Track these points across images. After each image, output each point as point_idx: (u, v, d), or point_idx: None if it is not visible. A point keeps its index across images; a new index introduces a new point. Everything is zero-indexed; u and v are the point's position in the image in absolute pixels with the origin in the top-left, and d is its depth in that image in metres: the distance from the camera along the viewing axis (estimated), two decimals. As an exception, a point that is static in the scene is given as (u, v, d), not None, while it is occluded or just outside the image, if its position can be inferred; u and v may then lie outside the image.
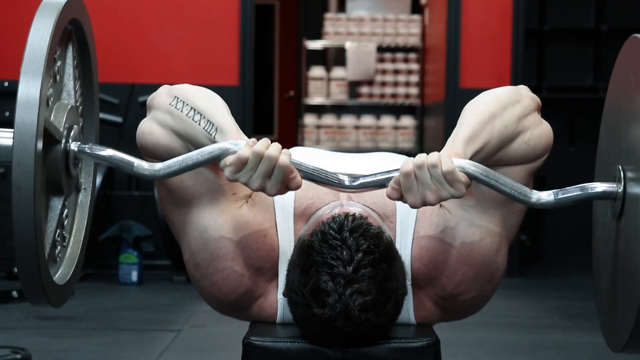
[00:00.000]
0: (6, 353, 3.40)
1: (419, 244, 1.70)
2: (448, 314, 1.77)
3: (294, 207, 1.73)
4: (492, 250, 1.69)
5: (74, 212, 1.75)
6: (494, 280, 1.72)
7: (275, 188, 1.55)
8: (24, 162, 1.44)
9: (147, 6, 5.66)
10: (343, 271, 1.54)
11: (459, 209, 1.69)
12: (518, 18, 5.73)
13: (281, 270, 1.71)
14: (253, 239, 1.70)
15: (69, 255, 1.72)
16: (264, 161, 1.53)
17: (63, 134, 1.59)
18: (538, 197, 1.58)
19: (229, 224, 1.69)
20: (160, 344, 3.83)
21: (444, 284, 1.71)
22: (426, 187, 1.53)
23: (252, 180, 1.54)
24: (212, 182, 1.69)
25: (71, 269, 1.69)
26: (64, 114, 1.60)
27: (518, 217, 1.73)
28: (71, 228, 1.74)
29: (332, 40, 7.61)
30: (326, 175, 1.60)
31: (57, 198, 1.63)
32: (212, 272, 1.71)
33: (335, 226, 1.58)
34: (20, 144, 1.44)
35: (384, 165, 1.83)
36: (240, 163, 1.53)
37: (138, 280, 5.25)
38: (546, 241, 6.86)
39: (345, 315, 1.53)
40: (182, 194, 1.70)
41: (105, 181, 5.29)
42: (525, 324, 4.44)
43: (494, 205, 1.69)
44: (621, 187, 1.56)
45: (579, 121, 6.89)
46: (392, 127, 7.52)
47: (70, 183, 1.65)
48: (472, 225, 1.68)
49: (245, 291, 1.72)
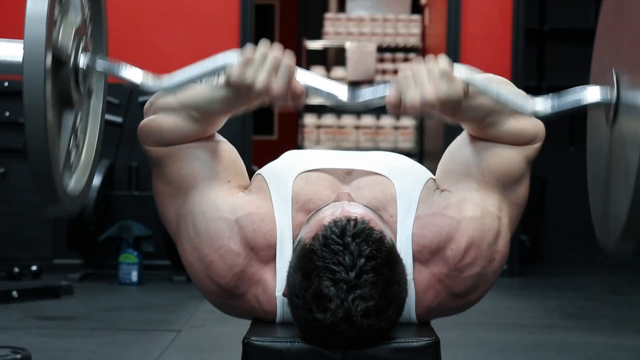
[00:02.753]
0: (6, 353, 3.40)
1: (421, 223, 1.72)
2: (450, 297, 1.76)
3: (291, 196, 1.75)
4: (493, 230, 1.73)
5: (86, 118, 1.80)
6: (494, 263, 1.74)
7: (282, 85, 1.60)
8: (34, 76, 1.47)
9: (147, 6, 5.66)
10: (345, 277, 1.54)
11: (461, 190, 1.73)
12: (518, 18, 5.73)
13: (279, 257, 1.72)
14: (250, 220, 1.72)
15: (84, 161, 1.78)
16: (269, 58, 1.60)
17: (72, 50, 1.63)
18: (533, 103, 1.62)
19: (226, 205, 1.72)
20: (160, 344, 3.83)
21: (449, 258, 1.72)
22: (424, 84, 1.58)
23: (258, 77, 1.60)
24: (208, 168, 1.73)
25: (86, 174, 1.76)
26: (72, 29, 1.64)
27: (517, 210, 1.78)
28: (84, 133, 1.79)
29: (332, 40, 7.61)
30: (327, 85, 1.64)
31: (69, 111, 1.67)
32: (208, 252, 1.72)
33: (337, 231, 1.58)
34: (30, 58, 1.47)
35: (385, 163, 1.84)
36: (247, 62, 1.59)
37: (138, 280, 5.25)
38: (546, 241, 6.87)
39: (347, 320, 1.53)
40: (179, 182, 1.74)
41: (105, 181, 5.29)
42: (525, 324, 4.44)
43: (494, 192, 1.74)
44: (615, 92, 1.57)
45: (579, 121, 6.87)
46: (392, 127, 7.52)
47: (81, 96, 1.70)
48: (474, 204, 1.72)
49: (240, 271, 1.72)
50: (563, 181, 6.71)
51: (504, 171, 1.75)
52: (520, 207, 1.78)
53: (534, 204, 6.49)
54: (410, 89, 1.58)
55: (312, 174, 1.79)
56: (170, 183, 1.74)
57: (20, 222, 5.60)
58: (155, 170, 1.79)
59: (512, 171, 1.76)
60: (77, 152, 1.75)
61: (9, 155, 5.55)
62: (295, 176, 1.78)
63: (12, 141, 5.56)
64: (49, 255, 5.63)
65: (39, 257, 5.58)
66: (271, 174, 1.80)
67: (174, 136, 1.73)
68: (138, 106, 5.49)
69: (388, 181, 1.77)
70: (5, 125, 5.54)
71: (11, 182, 5.50)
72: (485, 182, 1.73)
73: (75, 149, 1.74)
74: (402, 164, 1.86)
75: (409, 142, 7.49)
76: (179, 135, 1.73)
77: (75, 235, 5.23)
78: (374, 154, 1.93)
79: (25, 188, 5.58)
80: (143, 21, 5.65)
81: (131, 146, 5.50)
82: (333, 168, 1.80)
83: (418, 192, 1.75)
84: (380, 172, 1.79)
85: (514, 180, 1.77)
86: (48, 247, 5.63)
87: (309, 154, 1.93)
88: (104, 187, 5.30)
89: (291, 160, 1.87)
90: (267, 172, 1.81)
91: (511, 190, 1.77)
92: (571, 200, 6.57)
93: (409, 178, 1.79)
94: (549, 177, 6.66)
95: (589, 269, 6.13)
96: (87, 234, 5.22)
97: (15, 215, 5.60)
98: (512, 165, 1.74)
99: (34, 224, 5.60)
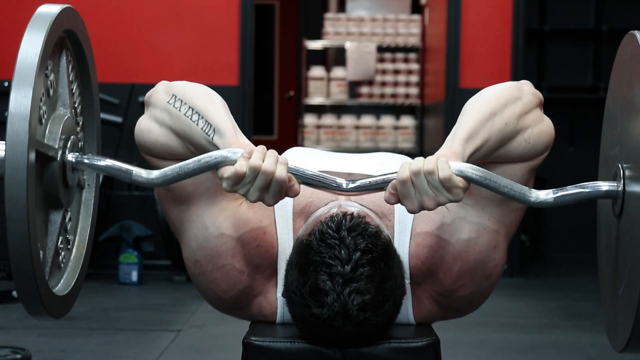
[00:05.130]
0: (6, 353, 3.40)
1: (416, 241, 1.71)
2: (447, 311, 1.77)
3: (292, 205, 1.74)
4: (489, 248, 1.70)
5: (78, 211, 1.74)
6: (491, 277, 1.73)
7: (274, 199, 1.55)
8: (16, 175, 1.40)
9: (147, 6, 5.66)
10: (341, 270, 1.54)
11: (457, 207, 1.69)
12: (518, 18, 5.73)
13: (280, 269, 1.72)
14: (253, 236, 1.70)
15: (74, 256, 1.71)
16: (261, 175, 1.52)
17: (60, 146, 1.57)
18: (537, 196, 1.57)
19: (228, 221, 1.70)
20: (160, 344, 3.83)
21: (441, 280, 1.71)
22: (423, 193, 1.52)
23: (250, 194, 1.54)
24: (211, 180, 1.69)
25: (77, 272, 1.68)
26: (59, 126, 1.58)
27: (518, 214, 1.73)
28: (75, 228, 1.73)
29: (332, 40, 7.61)
30: (324, 180, 1.60)
31: (56, 211, 1.61)
32: (211, 269, 1.71)
33: (333, 225, 1.58)
34: (12, 160, 1.40)
35: (383, 164, 1.83)
36: (238, 177, 1.52)
37: (138, 280, 5.25)
38: (546, 241, 6.86)
39: (343, 314, 1.53)
40: (180, 193, 1.70)
41: (105, 181, 5.29)
42: (525, 324, 4.44)
43: (492, 204, 1.69)
44: (621, 185, 1.55)
45: (579, 121, 6.89)
46: (392, 127, 7.52)
47: (69, 193, 1.64)
48: (469, 223, 1.69)
49: (244, 288, 1.72)
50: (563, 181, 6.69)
51: None
52: (521, 211, 1.73)
53: (534, 204, 6.47)
54: (409, 198, 1.53)
55: None
56: (171, 191, 1.71)
57: (20, 222, 5.60)
58: None
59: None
60: (67, 249, 1.67)
61: (9, 155, 5.55)
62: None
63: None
64: (49, 255, 5.62)
65: (39, 257, 5.57)
66: None
67: (169, 157, 1.68)
68: (138, 106, 5.49)
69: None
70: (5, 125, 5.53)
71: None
72: (482, 196, 1.68)
73: (66, 246, 1.66)
74: None
75: (409, 142, 7.49)
76: (173, 157, 1.67)
77: (75, 235, 5.23)
78: (375, 157, 1.93)
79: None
80: (143, 21, 5.65)
81: (131, 146, 5.50)
82: (334, 171, 1.80)
83: None
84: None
85: None
86: (48, 247, 5.62)
87: (310, 154, 1.93)
88: (104, 187, 5.30)
89: (292, 161, 1.87)
90: None
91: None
92: (571, 200, 6.54)
93: None
94: (549, 177, 6.66)
95: (589, 269, 6.12)
96: (87, 234, 5.22)
97: (15, 215, 5.60)
98: (516, 179, 1.65)
99: (34, 224, 5.60)
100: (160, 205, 1.78)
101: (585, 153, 6.72)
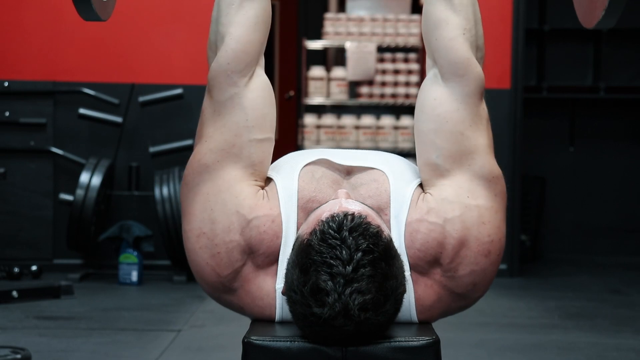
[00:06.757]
0: (6, 353, 3.40)
1: (409, 231, 1.75)
2: (453, 297, 1.77)
3: (297, 197, 1.76)
4: (477, 223, 1.75)
5: None
6: (490, 255, 1.76)
7: None
8: None
9: (147, 6, 5.66)
10: (342, 270, 1.55)
11: (437, 189, 1.77)
12: (518, 18, 5.73)
13: (281, 260, 1.73)
14: (262, 222, 1.74)
15: None
16: None
17: None
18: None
19: (247, 201, 1.75)
20: (160, 344, 3.83)
21: (441, 262, 1.74)
22: None
23: None
24: (242, 163, 1.79)
25: None
26: None
27: (499, 184, 1.81)
28: None
29: (332, 40, 7.61)
30: None
31: None
32: (217, 242, 1.74)
33: (334, 225, 1.59)
34: None
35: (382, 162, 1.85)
36: None
37: (138, 280, 5.25)
38: (546, 241, 6.86)
39: (344, 314, 1.54)
40: (243, 60, 1.83)
41: (105, 181, 5.29)
42: (525, 324, 4.44)
43: (467, 181, 1.78)
44: None
45: (579, 121, 6.89)
46: (392, 127, 7.52)
47: None
48: (450, 203, 1.75)
49: (239, 267, 1.75)
50: (563, 181, 6.70)
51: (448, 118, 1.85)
52: (500, 179, 1.81)
53: (533, 204, 6.49)
54: None
55: (317, 170, 1.81)
56: (233, 61, 1.83)
57: (20, 222, 5.60)
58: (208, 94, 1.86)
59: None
60: None
61: (9, 155, 5.55)
62: (300, 169, 1.80)
63: (12, 141, 5.56)
64: (49, 255, 5.62)
65: (39, 257, 5.57)
66: (277, 168, 1.83)
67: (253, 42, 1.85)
68: (138, 106, 5.48)
69: (384, 177, 1.79)
70: (5, 125, 5.53)
71: (11, 182, 5.50)
72: (457, 175, 1.78)
73: None
74: (399, 164, 1.88)
75: (409, 142, 7.50)
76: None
77: (75, 235, 5.23)
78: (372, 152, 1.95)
79: (25, 188, 5.58)
80: (143, 21, 5.64)
81: (131, 146, 5.50)
82: (337, 163, 1.83)
83: (410, 193, 1.77)
84: (377, 167, 1.82)
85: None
86: (48, 247, 5.62)
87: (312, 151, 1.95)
88: (104, 187, 5.30)
89: (295, 155, 1.90)
90: (272, 168, 1.85)
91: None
92: (571, 200, 6.57)
93: (405, 175, 1.81)
94: (549, 177, 6.65)
95: (589, 269, 6.12)
96: (87, 234, 5.22)
97: (15, 215, 5.60)
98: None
99: (34, 224, 5.60)
100: (196, 142, 1.84)
101: (585, 153, 6.71)
